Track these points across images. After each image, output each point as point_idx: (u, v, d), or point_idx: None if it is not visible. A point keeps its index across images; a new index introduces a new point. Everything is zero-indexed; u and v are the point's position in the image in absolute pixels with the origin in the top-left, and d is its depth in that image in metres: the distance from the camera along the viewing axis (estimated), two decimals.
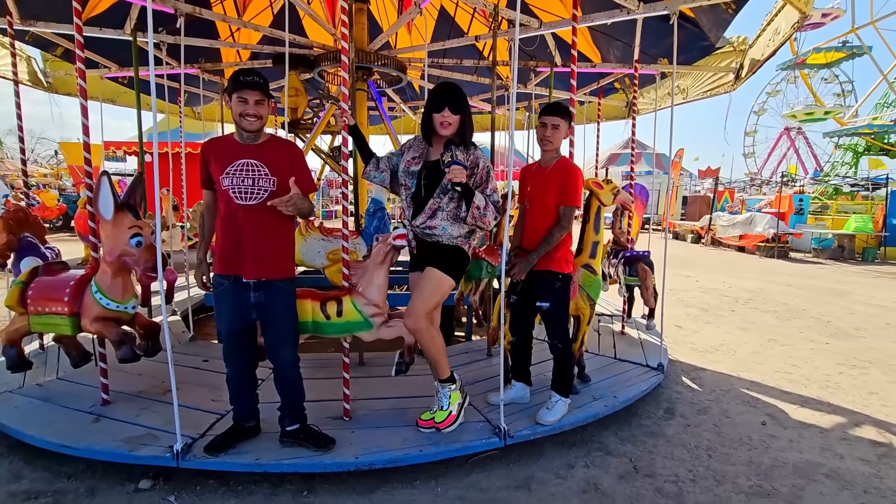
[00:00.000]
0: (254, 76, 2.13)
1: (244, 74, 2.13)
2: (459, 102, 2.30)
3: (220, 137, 2.35)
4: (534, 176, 2.74)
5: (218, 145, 2.25)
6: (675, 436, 2.83)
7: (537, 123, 2.70)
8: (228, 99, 2.17)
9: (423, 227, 2.38)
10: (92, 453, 2.31)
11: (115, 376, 2.91)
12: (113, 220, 2.45)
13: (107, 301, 2.52)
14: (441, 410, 2.56)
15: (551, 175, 2.65)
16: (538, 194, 2.67)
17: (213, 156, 2.20)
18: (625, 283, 4.28)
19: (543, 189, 2.65)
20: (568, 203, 2.60)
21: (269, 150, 2.22)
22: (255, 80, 2.12)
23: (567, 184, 2.60)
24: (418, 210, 2.39)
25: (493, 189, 2.40)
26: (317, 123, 4.61)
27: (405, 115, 7.46)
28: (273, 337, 2.32)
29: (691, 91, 5.33)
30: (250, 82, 2.12)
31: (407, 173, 2.43)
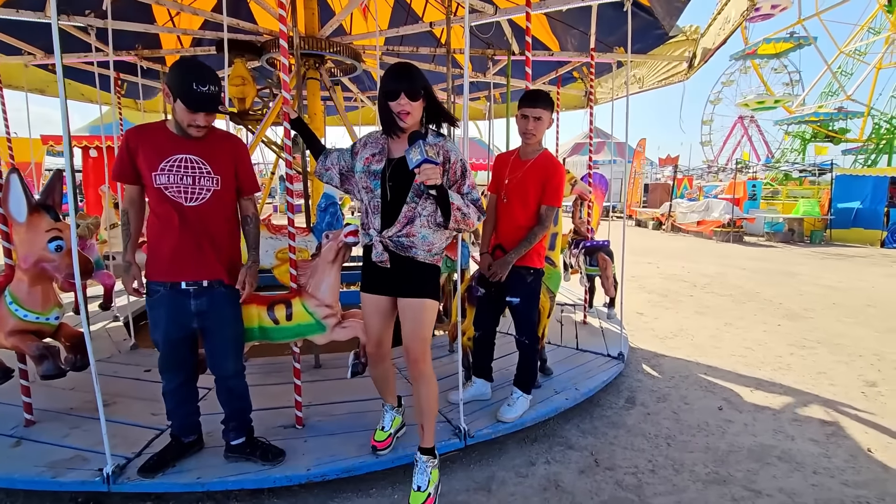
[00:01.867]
0: (209, 86, 1.86)
1: (197, 83, 1.84)
2: (417, 86, 1.89)
3: (148, 126, 2.04)
4: (513, 168, 2.62)
5: (147, 135, 1.98)
6: (635, 426, 2.84)
7: (516, 114, 2.59)
8: (170, 95, 1.90)
9: (398, 238, 1.94)
10: (10, 482, 2.09)
11: (44, 393, 2.68)
12: (27, 222, 2.22)
13: (24, 312, 2.29)
14: (418, 492, 2.03)
15: (533, 170, 2.55)
16: (518, 188, 2.57)
17: (141, 147, 1.94)
18: (586, 272, 4.29)
19: (523, 183, 2.55)
20: (551, 203, 2.52)
21: (211, 146, 2.02)
22: (209, 101, 1.88)
23: (551, 182, 2.51)
24: (389, 218, 1.95)
25: (471, 185, 2.03)
26: (267, 114, 4.37)
27: (364, 106, 7.25)
28: (215, 346, 2.15)
29: (647, 80, 5.37)
30: (203, 103, 1.87)
31: (367, 173, 1.97)
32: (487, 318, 2.77)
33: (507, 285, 2.58)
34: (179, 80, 1.85)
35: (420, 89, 1.90)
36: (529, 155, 2.62)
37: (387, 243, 1.96)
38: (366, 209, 2.01)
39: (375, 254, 1.97)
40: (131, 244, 2.10)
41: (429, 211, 1.95)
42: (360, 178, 2.01)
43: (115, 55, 4.40)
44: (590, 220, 4.34)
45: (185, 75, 1.85)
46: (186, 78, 1.84)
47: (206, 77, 1.87)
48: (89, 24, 3.89)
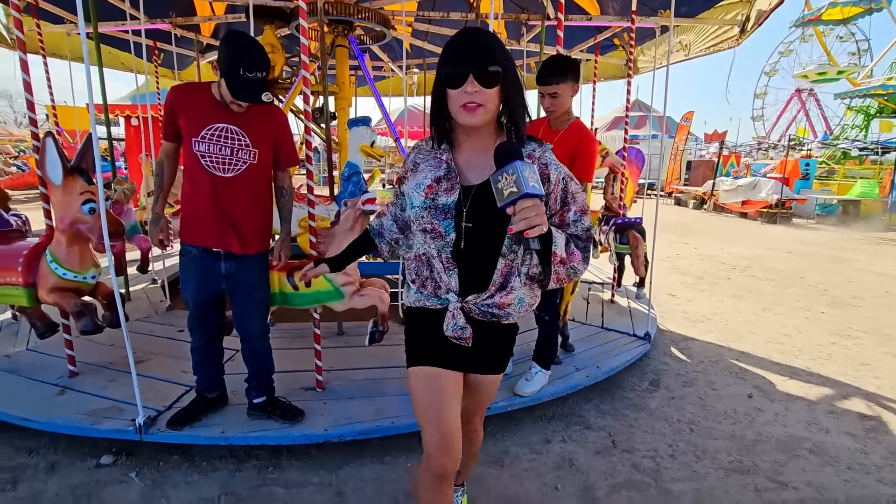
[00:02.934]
0: (256, 72, 1.82)
1: (245, 69, 1.80)
2: (497, 62, 1.16)
3: (193, 86, 2.05)
4: (543, 138, 2.52)
5: (191, 98, 1.97)
6: (657, 409, 2.76)
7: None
8: (218, 69, 1.90)
9: (487, 307, 1.29)
10: (54, 427, 2.25)
11: (85, 347, 2.84)
12: (63, 185, 2.31)
13: (63, 271, 2.40)
14: None
15: (563, 141, 2.40)
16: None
17: (184, 110, 1.95)
18: (615, 250, 4.15)
19: (556, 153, 2.44)
20: (580, 178, 2.30)
21: (253, 118, 2.01)
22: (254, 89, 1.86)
23: (581, 155, 2.36)
24: (471, 275, 1.28)
25: (580, 208, 1.31)
26: (295, 83, 4.35)
27: (394, 76, 7.13)
28: (242, 307, 2.21)
29: (693, 47, 5.01)
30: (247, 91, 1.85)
31: (433, 209, 1.26)
32: None
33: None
34: (229, 61, 1.83)
35: (499, 72, 1.17)
36: (560, 125, 2.50)
37: (471, 311, 1.30)
38: (427, 259, 1.30)
39: (452, 327, 1.28)
40: (161, 196, 2.14)
41: (529, 262, 1.27)
42: (419, 216, 1.28)
43: (150, 22, 4.47)
44: (622, 196, 4.16)
45: (236, 59, 1.82)
46: (236, 62, 1.82)
47: (255, 63, 1.84)
48: None
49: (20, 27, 2.29)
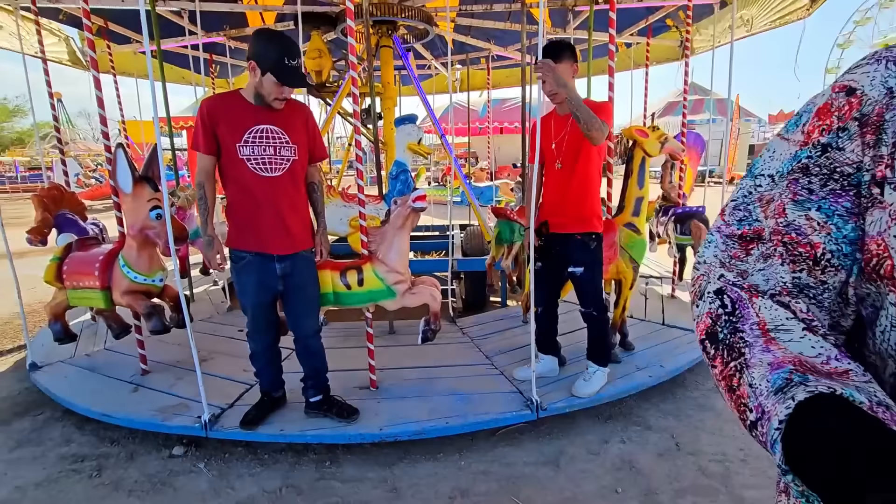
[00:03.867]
0: (296, 59, 1.93)
1: (289, 57, 1.90)
2: None
3: (223, 96, 2.08)
4: (556, 127, 2.42)
5: (226, 105, 2.01)
6: (725, 409, 2.58)
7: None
8: (257, 69, 1.92)
9: None
10: (130, 422, 2.41)
11: (155, 346, 3.02)
12: (132, 193, 2.45)
13: (134, 274, 2.56)
14: None
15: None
16: (570, 147, 2.37)
17: (222, 118, 1.98)
18: (676, 242, 3.93)
19: (574, 137, 2.35)
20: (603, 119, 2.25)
21: (287, 115, 2.06)
22: (300, 76, 1.98)
23: (599, 111, 2.25)
24: None
25: None
26: (342, 85, 4.44)
27: (438, 73, 7.12)
28: (296, 306, 2.26)
29: (757, 21, 4.64)
30: (296, 78, 1.96)
31: None
32: (547, 292, 2.63)
33: (569, 255, 2.43)
34: (270, 53, 1.88)
35: None
36: (567, 109, 2.37)
37: None
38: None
39: None
40: (210, 218, 2.11)
41: None
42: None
43: (206, 36, 4.69)
44: (681, 184, 3.94)
45: (277, 49, 1.89)
46: (278, 52, 1.88)
47: (294, 50, 1.92)
48: (182, 8, 4.16)
49: (93, 48, 2.45)
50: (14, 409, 2.74)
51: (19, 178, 20.86)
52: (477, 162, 15.68)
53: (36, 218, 2.96)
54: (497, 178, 10.22)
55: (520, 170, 4.65)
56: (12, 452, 2.33)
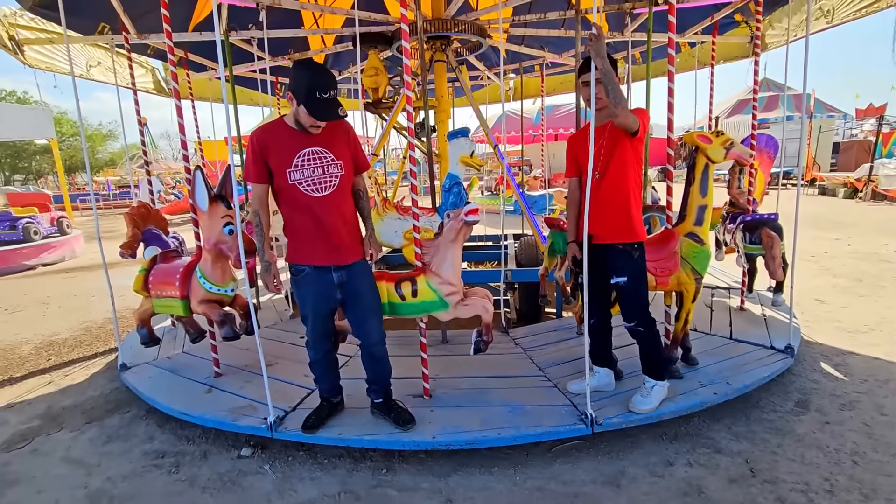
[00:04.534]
0: (329, 91, 1.98)
1: (320, 90, 1.96)
2: None
3: (271, 125, 2.17)
4: (595, 139, 2.35)
5: (274, 135, 2.11)
6: (807, 434, 2.37)
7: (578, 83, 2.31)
8: (293, 100, 2.03)
9: None
10: (203, 421, 2.60)
11: (226, 351, 3.24)
12: (208, 211, 2.66)
13: (209, 285, 2.77)
14: None
15: (615, 127, 2.28)
16: (610, 155, 2.31)
17: (271, 148, 2.09)
18: (744, 251, 3.69)
19: (612, 147, 2.30)
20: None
21: (329, 134, 2.15)
22: (332, 109, 2.01)
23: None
24: None
25: None
26: (397, 101, 4.58)
27: (490, 83, 7.16)
28: (359, 313, 2.34)
29: (839, 11, 4.28)
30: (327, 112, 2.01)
31: None
32: (597, 303, 2.54)
33: (611, 265, 2.35)
34: (302, 88, 1.98)
35: None
36: (604, 119, 2.33)
37: None
38: None
39: None
40: (266, 244, 2.21)
41: None
42: None
43: (272, 60, 5.01)
44: (751, 189, 3.69)
45: (308, 83, 1.97)
46: (310, 86, 1.97)
47: (327, 83, 1.99)
48: (252, 37, 4.48)
49: (175, 79, 2.71)
50: (106, 405, 3.03)
51: (111, 195, 23.19)
52: (531, 170, 15.51)
53: (127, 233, 3.28)
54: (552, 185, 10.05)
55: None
56: (105, 446, 2.58)
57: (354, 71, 6.17)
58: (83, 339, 4.44)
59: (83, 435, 2.71)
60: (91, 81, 4.93)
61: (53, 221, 9.79)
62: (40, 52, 4.41)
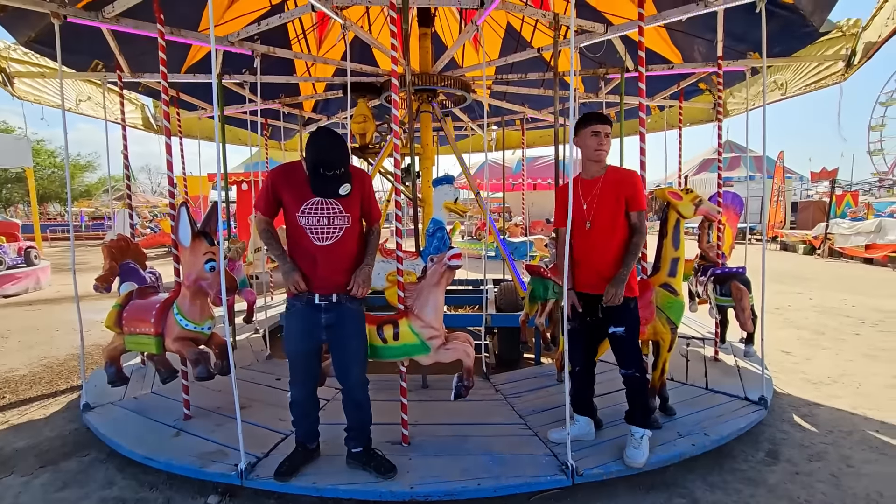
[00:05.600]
0: (334, 170, 2.04)
1: (325, 168, 2.02)
2: None
3: (290, 165, 2.25)
4: (584, 191, 2.50)
5: (289, 176, 2.19)
6: (778, 485, 2.41)
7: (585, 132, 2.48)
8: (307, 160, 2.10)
9: None
10: (170, 467, 2.47)
11: (198, 392, 3.13)
12: (190, 247, 2.65)
13: (185, 322, 2.71)
14: None
15: (607, 184, 2.45)
16: (602, 207, 2.44)
17: (286, 188, 2.18)
18: (716, 303, 3.83)
19: (605, 200, 2.43)
20: (641, 207, 2.42)
21: None
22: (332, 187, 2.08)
23: (630, 188, 2.42)
24: None
25: None
26: (384, 147, 4.73)
27: (474, 134, 7.46)
28: (343, 357, 2.33)
29: (791, 85, 4.72)
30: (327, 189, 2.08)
31: None
32: (583, 352, 2.61)
33: (610, 315, 2.42)
34: (311, 160, 2.07)
35: None
36: (597, 174, 2.49)
37: None
38: None
39: None
40: (284, 254, 2.24)
41: None
42: None
43: (263, 104, 5.15)
44: (720, 244, 3.88)
45: (316, 158, 2.04)
46: (316, 161, 2.04)
47: (334, 162, 2.05)
48: (244, 81, 4.62)
49: (168, 118, 2.76)
50: (63, 448, 2.86)
51: (83, 227, 22.59)
52: (511, 217, 15.88)
53: (104, 266, 3.21)
54: (531, 232, 10.30)
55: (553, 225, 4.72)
56: (59, 492, 2.42)
57: (343, 117, 6.37)
58: (43, 375, 4.22)
59: (35, 480, 2.54)
60: (75, 114, 4.95)
61: (21, 251, 9.44)
62: (30, 84, 4.44)
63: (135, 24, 3.40)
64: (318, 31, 5.63)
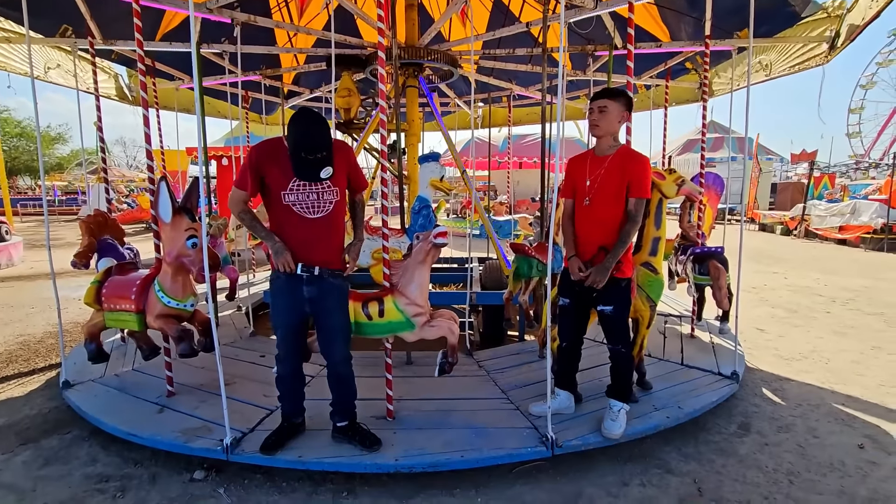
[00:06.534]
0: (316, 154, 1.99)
1: (307, 151, 1.98)
2: None
3: (272, 143, 2.18)
4: (591, 167, 2.49)
5: (273, 154, 2.12)
6: (749, 455, 2.52)
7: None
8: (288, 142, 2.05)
9: None
10: (154, 443, 2.47)
11: (181, 369, 3.11)
12: (171, 222, 2.59)
13: (167, 299, 2.68)
14: None
15: (614, 164, 2.42)
16: (604, 187, 2.43)
17: (268, 166, 2.12)
18: (694, 281, 3.92)
19: (607, 182, 2.42)
20: (638, 195, 2.38)
21: None
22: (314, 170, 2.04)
23: (635, 173, 2.38)
24: None
25: None
26: (369, 122, 4.65)
27: (459, 110, 7.37)
28: (327, 332, 2.33)
29: (776, 66, 4.74)
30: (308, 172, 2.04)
31: None
32: (573, 328, 2.65)
33: (600, 293, 2.45)
34: (292, 142, 2.01)
35: None
36: (606, 151, 2.48)
37: None
38: None
39: None
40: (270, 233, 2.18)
41: None
42: None
43: (244, 75, 4.99)
44: (700, 224, 3.95)
45: (297, 141, 1.99)
46: (297, 143, 1.99)
47: (316, 146, 1.99)
48: (224, 50, 4.46)
49: (145, 89, 2.66)
50: (44, 426, 2.83)
51: (56, 201, 21.87)
52: (496, 195, 15.86)
53: (82, 242, 3.13)
54: (516, 211, 10.33)
55: (538, 204, 4.73)
56: (41, 470, 2.41)
57: (327, 90, 6.22)
58: (20, 353, 4.14)
59: (16, 457, 2.52)
60: (44, 82, 4.72)
61: None
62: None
63: None
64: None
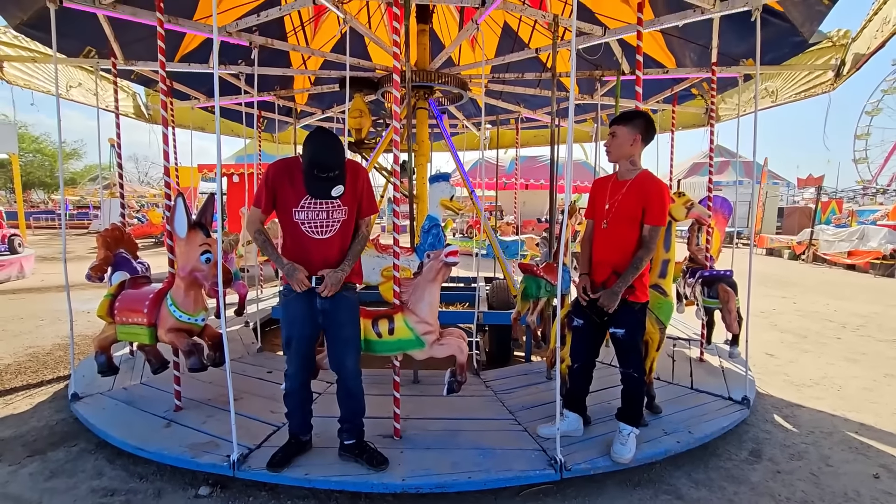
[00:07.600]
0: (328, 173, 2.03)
1: (319, 170, 2.01)
2: None
3: (286, 162, 2.24)
4: (612, 190, 2.51)
5: (287, 172, 2.19)
6: (760, 483, 2.48)
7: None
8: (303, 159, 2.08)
9: None
10: (161, 457, 2.47)
11: (189, 383, 3.11)
12: (186, 238, 2.64)
13: (179, 313, 2.70)
14: None
15: (632, 189, 2.44)
16: (620, 211, 2.45)
17: (281, 184, 2.17)
18: (703, 304, 3.91)
19: (625, 205, 2.44)
20: (654, 223, 2.38)
21: None
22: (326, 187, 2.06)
23: (652, 200, 2.38)
24: None
25: None
26: (379, 142, 4.73)
27: (468, 131, 7.49)
28: (338, 346, 2.34)
29: (782, 93, 4.81)
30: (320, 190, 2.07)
31: None
32: (586, 349, 2.64)
33: (613, 316, 2.45)
34: (307, 160, 2.05)
35: None
36: (627, 176, 2.50)
37: None
38: None
39: None
40: (280, 256, 2.24)
41: None
42: None
43: (259, 96, 5.12)
44: (709, 247, 3.96)
45: (311, 159, 2.03)
46: (311, 162, 2.03)
47: (329, 164, 2.04)
48: (240, 72, 4.59)
49: (165, 108, 2.74)
50: (51, 438, 2.84)
51: (68, 215, 22.18)
52: (503, 216, 15.93)
53: (98, 256, 3.18)
54: (522, 232, 10.36)
55: (545, 224, 4.76)
56: (47, 482, 2.41)
57: (339, 111, 6.35)
58: (28, 365, 4.16)
59: (23, 469, 2.52)
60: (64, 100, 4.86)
61: (4, 239, 9.27)
62: (20, 68, 4.36)
63: (132, 12, 3.36)
64: (314, 23, 5.60)
